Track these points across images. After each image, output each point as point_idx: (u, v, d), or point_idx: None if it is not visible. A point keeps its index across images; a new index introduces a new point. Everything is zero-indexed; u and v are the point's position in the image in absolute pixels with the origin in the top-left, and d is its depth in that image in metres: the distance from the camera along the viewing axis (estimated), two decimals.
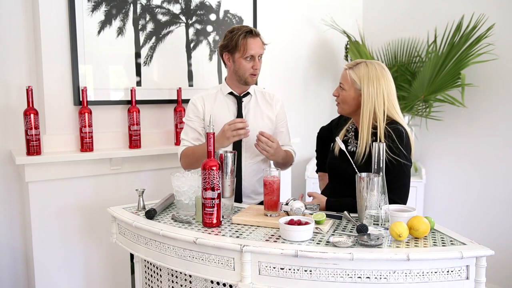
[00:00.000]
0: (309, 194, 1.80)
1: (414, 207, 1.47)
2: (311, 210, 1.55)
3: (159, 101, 2.51)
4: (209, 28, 2.65)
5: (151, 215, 1.59)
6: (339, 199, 1.71)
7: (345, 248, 1.27)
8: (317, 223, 1.47)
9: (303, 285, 1.26)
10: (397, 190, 1.59)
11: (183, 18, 2.55)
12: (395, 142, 1.60)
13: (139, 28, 2.41)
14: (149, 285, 1.74)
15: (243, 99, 2.02)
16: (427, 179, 3.22)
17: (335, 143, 1.77)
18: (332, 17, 3.34)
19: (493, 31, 2.73)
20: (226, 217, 1.62)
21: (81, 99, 2.23)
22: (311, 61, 3.39)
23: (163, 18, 2.48)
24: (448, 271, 1.24)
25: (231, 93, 2.01)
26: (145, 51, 2.44)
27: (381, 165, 1.47)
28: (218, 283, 1.46)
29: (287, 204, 1.54)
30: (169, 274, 1.62)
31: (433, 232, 1.44)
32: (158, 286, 1.69)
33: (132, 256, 2.25)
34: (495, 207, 2.89)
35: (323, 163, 2.08)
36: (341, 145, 1.64)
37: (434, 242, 1.34)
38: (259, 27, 2.79)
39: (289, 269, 1.27)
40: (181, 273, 1.56)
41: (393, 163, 1.59)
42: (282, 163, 2.02)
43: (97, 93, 2.32)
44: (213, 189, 1.49)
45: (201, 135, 2.02)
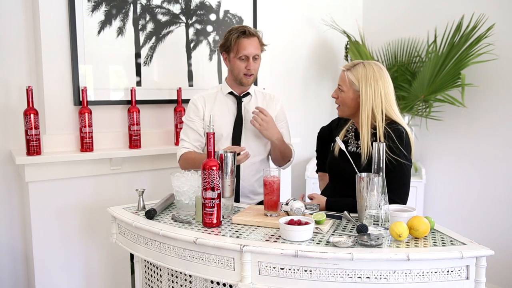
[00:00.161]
0: (309, 196, 1.79)
1: (414, 207, 1.47)
2: (311, 210, 1.55)
3: (159, 101, 2.51)
4: (209, 28, 2.65)
5: (151, 215, 1.59)
6: (339, 199, 1.71)
7: (345, 248, 1.27)
8: (317, 223, 1.47)
9: (303, 285, 1.26)
10: (397, 190, 1.59)
11: (183, 18, 2.55)
12: (395, 142, 1.60)
13: (139, 28, 2.41)
14: (149, 285, 1.74)
15: (243, 99, 2.03)
16: (427, 179, 3.22)
17: (335, 143, 1.78)
18: (332, 17, 3.34)
19: (493, 31, 2.73)
20: (226, 217, 1.62)
21: (81, 99, 2.23)
22: (311, 61, 3.39)
23: (163, 18, 2.48)
24: (448, 271, 1.24)
25: (231, 93, 2.02)
26: (145, 51, 2.44)
27: (381, 165, 1.47)
28: (218, 283, 1.46)
29: (287, 204, 1.54)
30: (169, 274, 1.62)
31: (433, 232, 1.44)
32: (158, 286, 1.69)
33: (132, 256, 2.25)
34: (495, 207, 2.89)
35: (323, 163, 2.08)
36: (341, 145, 1.64)
37: (434, 242, 1.34)
38: (259, 27, 2.79)
39: (289, 269, 1.27)
40: (181, 273, 1.56)
41: (393, 163, 1.59)
42: (279, 153, 2.01)
43: (97, 93, 2.32)
44: (213, 189, 1.49)
45: (202, 136, 2.02)
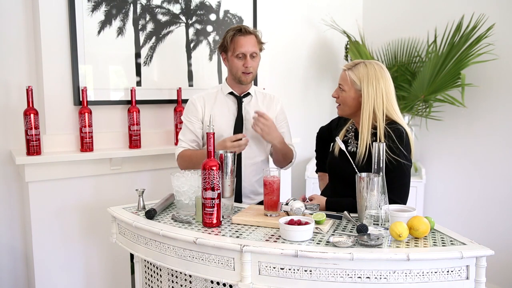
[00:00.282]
0: (309, 198, 1.79)
1: (414, 207, 1.47)
2: (311, 210, 1.55)
3: (159, 101, 2.51)
4: (209, 28, 2.65)
5: (151, 215, 1.59)
6: (339, 199, 1.71)
7: (345, 248, 1.27)
8: (317, 223, 1.47)
9: (303, 285, 1.26)
10: (397, 190, 1.59)
11: (183, 18, 2.55)
12: (395, 142, 1.60)
13: (139, 28, 2.41)
14: (149, 285, 1.74)
15: (243, 99, 2.03)
16: (427, 179, 3.22)
17: (335, 143, 1.77)
18: (332, 17, 3.34)
19: (493, 31, 2.73)
20: (226, 217, 1.62)
21: (81, 99, 2.23)
22: (311, 61, 3.39)
23: (163, 18, 2.48)
24: (448, 271, 1.24)
25: (232, 93, 2.02)
26: (145, 51, 2.44)
27: (381, 165, 1.47)
28: (218, 283, 1.46)
29: (287, 204, 1.54)
30: (169, 274, 1.62)
31: (433, 232, 1.44)
32: (158, 286, 1.69)
33: (132, 256, 2.25)
34: (495, 207, 2.89)
35: (322, 163, 2.08)
36: (341, 145, 1.64)
37: (434, 242, 1.34)
38: (259, 27, 2.79)
39: (289, 269, 1.27)
40: (181, 273, 1.56)
41: (393, 163, 1.59)
42: (281, 155, 2.02)
43: (97, 93, 2.32)
44: (213, 189, 1.49)
45: (198, 138, 2.02)
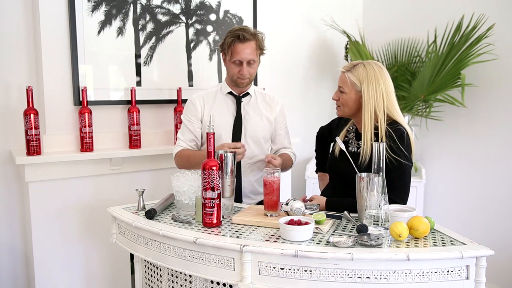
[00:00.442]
0: (309, 199, 1.79)
1: (414, 207, 1.47)
2: (311, 210, 1.55)
3: (159, 101, 2.51)
4: (209, 28, 2.65)
5: (151, 215, 1.59)
6: (339, 199, 1.71)
7: (345, 248, 1.27)
8: (317, 223, 1.47)
9: (303, 285, 1.26)
10: (397, 190, 1.59)
11: (183, 18, 2.55)
12: (396, 142, 1.59)
13: (139, 28, 2.41)
14: (149, 285, 1.74)
15: (243, 99, 2.02)
16: (427, 179, 3.22)
17: (336, 144, 1.77)
18: (332, 17, 3.34)
19: (493, 31, 2.73)
20: (226, 217, 1.62)
21: (81, 99, 2.23)
22: (311, 61, 3.39)
23: (163, 18, 2.48)
24: (448, 271, 1.24)
25: (231, 93, 2.01)
26: (145, 51, 2.44)
27: (381, 165, 1.47)
28: (218, 283, 1.46)
29: (287, 204, 1.54)
30: (169, 274, 1.62)
31: (433, 232, 1.44)
32: (158, 286, 1.69)
33: (132, 256, 2.25)
34: (495, 207, 2.89)
35: (322, 163, 2.08)
36: (341, 145, 1.63)
37: (434, 242, 1.34)
38: (259, 27, 2.78)
39: (289, 269, 1.27)
40: (181, 273, 1.56)
41: (393, 163, 1.58)
42: (283, 168, 2.01)
43: (97, 93, 2.32)
44: (213, 189, 1.49)
45: (197, 138, 2.02)
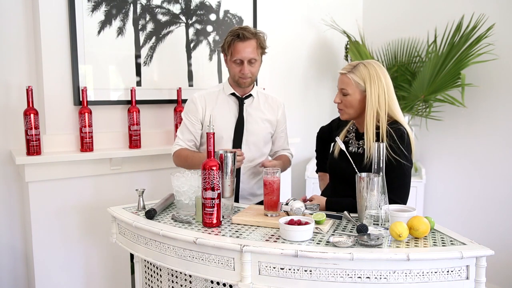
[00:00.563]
0: (309, 199, 1.79)
1: (414, 207, 1.47)
2: (311, 210, 1.55)
3: (159, 101, 2.51)
4: (209, 28, 2.65)
5: (151, 215, 1.59)
6: (339, 199, 1.71)
7: (345, 248, 1.27)
8: (317, 223, 1.47)
9: (303, 285, 1.26)
10: (397, 190, 1.59)
11: (183, 18, 2.55)
12: (396, 142, 1.59)
13: (139, 28, 2.41)
14: (149, 285, 1.74)
15: (245, 101, 2.02)
16: (427, 179, 3.22)
17: (336, 144, 1.77)
18: (332, 17, 3.34)
19: (493, 31, 2.73)
20: (226, 217, 1.62)
21: (81, 99, 2.23)
22: (311, 61, 3.39)
23: (163, 18, 2.48)
24: (448, 271, 1.24)
25: (233, 94, 2.01)
26: (145, 51, 2.44)
27: (381, 165, 1.47)
28: (218, 283, 1.46)
29: (287, 204, 1.54)
30: (169, 274, 1.62)
31: (433, 232, 1.44)
32: (158, 286, 1.69)
33: (132, 256, 2.25)
34: (495, 207, 2.89)
35: (323, 163, 2.08)
36: (341, 145, 1.63)
37: (434, 242, 1.34)
38: (259, 27, 2.78)
39: (289, 269, 1.27)
40: (181, 273, 1.56)
41: (393, 163, 1.58)
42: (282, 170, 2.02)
43: (97, 93, 2.32)
44: (213, 189, 1.49)
45: (196, 139, 2.02)
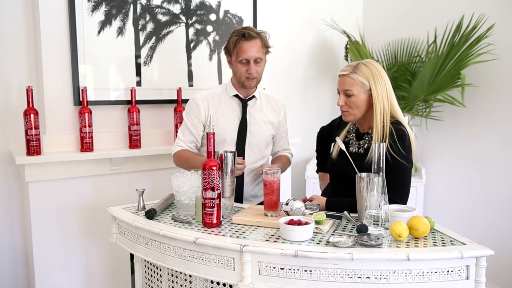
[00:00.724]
0: (309, 199, 1.79)
1: (414, 207, 1.47)
2: (311, 210, 1.55)
3: (159, 101, 2.51)
4: (209, 28, 2.65)
5: (151, 215, 1.59)
6: (339, 199, 1.71)
7: (345, 248, 1.27)
8: (317, 223, 1.47)
9: (303, 285, 1.26)
10: (397, 190, 1.59)
11: (183, 18, 2.55)
12: (396, 142, 1.59)
13: (139, 28, 2.41)
14: (149, 285, 1.74)
15: (248, 103, 2.01)
16: (427, 179, 3.22)
17: (336, 144, 1.77)
18: (332, 17, 3.34)
19: (493, 31, 2.73)
20: (226, 217, 1.62)
21: (81, 99, 2.23)
22: (311, 61, 3.39)
23: (163, 18, 2.48)
24: (448, 271, 1.24)
25: (237, 96, 2.00)
26: (145, 51, 2.44)
27: (381, 165, 1.47)
28: (218, 283, 1.46)
29: (287, 204, 1.54)
30: (169, 274, 1.62)
31: (433, 232, 1.44)
32: (158, 286, 1.69)
33: (132, 256, 2.25)
34: (495, 207, 2.89)
35: (323, 163, 2.08)
36: (341, 145, 1.63)
37: (434, 242, 1.34)
38: (259, 27, 2.78)
39: (289, 269, 1.27)
40: (181, 273, 1.56)
41: (394, 163, 1.58)
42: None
43: (97, 93, 2.32)
44: (213, 189, 1.49)
45: (197, 140, 2.02)
